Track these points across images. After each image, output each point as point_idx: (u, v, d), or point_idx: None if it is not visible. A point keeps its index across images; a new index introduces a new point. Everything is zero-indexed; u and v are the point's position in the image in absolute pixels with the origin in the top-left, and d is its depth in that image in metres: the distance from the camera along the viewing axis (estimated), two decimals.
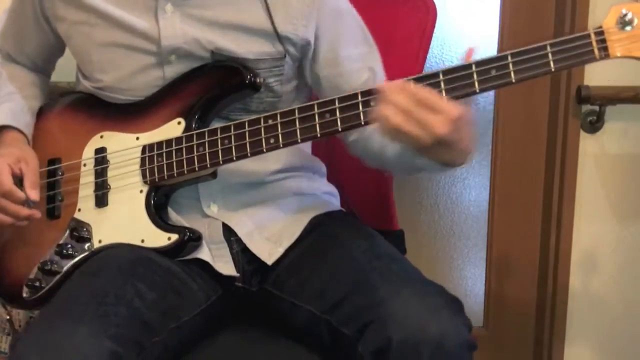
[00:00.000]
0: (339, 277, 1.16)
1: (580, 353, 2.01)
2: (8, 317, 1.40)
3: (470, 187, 2.02)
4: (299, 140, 1.14)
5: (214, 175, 1.20)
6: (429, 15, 1.52)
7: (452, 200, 2.02)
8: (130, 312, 1.07)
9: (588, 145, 1.88)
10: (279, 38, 1.22)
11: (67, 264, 1.22)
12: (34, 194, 1.20)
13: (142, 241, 1.19)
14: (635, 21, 1.00)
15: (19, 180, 1.21)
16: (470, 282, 2.08)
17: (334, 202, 1.39)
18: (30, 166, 1.23)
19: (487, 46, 1.92)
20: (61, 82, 1.52)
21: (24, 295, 1.24)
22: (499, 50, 1.90)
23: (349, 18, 1.28)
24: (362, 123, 1.10)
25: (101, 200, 1.23)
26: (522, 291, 2.03)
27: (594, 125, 1.86)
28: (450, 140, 1.02)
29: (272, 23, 1.21)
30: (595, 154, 1.89)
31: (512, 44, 1.87)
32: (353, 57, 1.27)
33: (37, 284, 1.23)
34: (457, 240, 2.05)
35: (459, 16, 1.90)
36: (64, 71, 1.47)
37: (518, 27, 1.88)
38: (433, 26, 1.52)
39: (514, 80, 1.04)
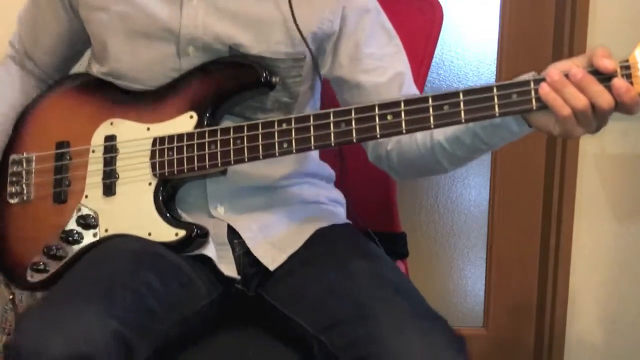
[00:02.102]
0: (337, 298, 1.13)
1: (580, 353, 2.01)
2: (11, 297, 1.39)
3: (470, 187, 2.02)
4: (312, 148, 1.12)
5: (224, 172, 1.19)
6: (435, 17, 1.51)
7: (452, 200, 2.02)
8: (137, 298, 1.06)
9: (588, 145, 1.88)
10: (302, 36, 1.20)
11: (73, 250, 1.22)
12: None
13: (149, 234, 1.18)
14: None
15: None
16: (470, 282, 2.08)
17: (340, 213, 1.38)
18: None
19: (487, 47, 1.93)
20: None
21: (29, 277, 1.24)
22: (499, 51, 1.91)
23: (375, 18, 1.26)
24: (378, 136, 1.08)
25: (109, 189, 1.22)
26: (522, 291, 2.03)
27: None
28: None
29: (294, 20, 1.19)
30: (595, 154, 1.89)
31: (512, 44, 1.89)
32: (376, 56, 1.24)
33: (42, 267, 1.23)
34: (457, 240, 2.05)
35: (459, 16, 1.90)
36: None
37: (518, 27, 1.88)
38: (439, 28, 1.51)
39: (534, 108, 1.01)
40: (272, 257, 1.25)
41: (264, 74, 1.19)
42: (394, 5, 1.50)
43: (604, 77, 0.98)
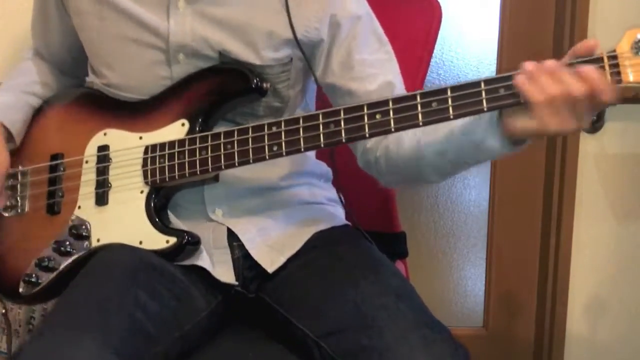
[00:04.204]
0: (339, 305, 1.13)
1: (580, 353, 2.01)
2: (3, 312, 1.39)
3: (470, 187, 2.02)
4: (302, 150, 1.12)
5: (216, 178, 1.19)
6: (434, 16, 1.51)
7: (452, 200, 2.02)
8: (132, 323, 1.06)
9: (588, 145, 1.88)
10: (289, 41, 1.20)
11: (65, 262, 1.21)
12: None
13: (141, 243, 1.18)
14: None
15: None
16: (470, 282, 2.08)
17: (339, 213, 1.37)
18: None
19: (487, 47, 1.93)
20: None
21: (21, 290, 1.24)
22: (499, 51, 1.91)
23: (368, 24, 1.25)
24: (367, 135, 1.08)
25: (101, 199, 1.22)
26: (522, 291, 2.03)
27: (594, 125, 1.86)
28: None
29: (291, 25, 1.19)
30: (595, 154, 1.89)
31: (512, 44, 1.89)
32: (367, 63, 1.24)
33: (34, 279, 1.23)
34: (457, 240, 2.05)
35: (459, 16, 1.90)
36: None
37: (518, 27, 1.88)
38: (438, 27, 1.51)
39: (522, 101, 1.01)
40: (270, 260, 1.24)
41: (255, 81, 1.19)
42: (393, 5, 1.50)
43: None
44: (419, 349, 1.04)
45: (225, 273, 1.23)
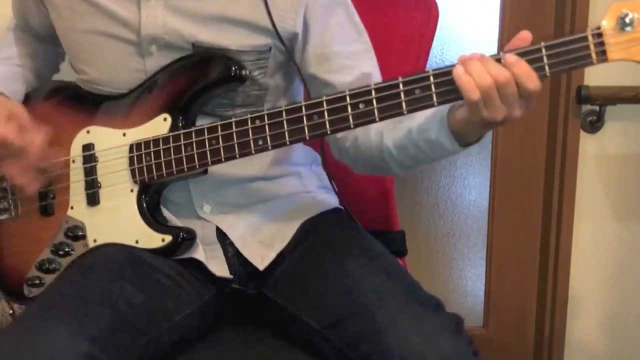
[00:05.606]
0: (335, 293, 1.14)
1: (580, 353, 2.01)
2: (11, 312, 1.39)
3: (470, 187, 2.02)
4: (288, 143, 1.11)
5: (204, 172, 1.19)
6: (431, 16, 1.51)
7: (452, 200, 2.02)
8: (115, 314, 1.06)
9: (588, 145, 1.88)
10: (268, 31, 1.19)
11: (66, 262, 1.22)
12: (37, 138, 1.17)
13: (137, 242, 1.18)
14: (636, 21, 0.95)
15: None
16: (470, 282, 2.08)
17: (330, 199, 1.37)
18: (23, 118, 1.18)
19: (487, 47, 1.93)
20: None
21: (25, 292, 1.24)
22: (499, 51, 1.90)
23: (342, 14, 1.24)
24: (352, 126, 1.07)
25: (93, 199, 1.22)
26: (522, 291, 2.03)
27: (594, 125, 1.86)
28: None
29: (270, 15, 1.18)
30: (595, 154, 1.89)
31: None
32: (344, 54, 1.23)
33: (37, 281, 1.23)
34: (457, 240, 2.05)
35: (459, 16, 1.90)
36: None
37: (518, 27, 1.86)
38: (435, 27, 1.51)
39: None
40: (260, 256, 1.24)
41: (234, 68, 1.17)
42: (390, 3, 1.50)
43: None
44: (410, 330, 1.05)
45: (219, 268, 1.23)
